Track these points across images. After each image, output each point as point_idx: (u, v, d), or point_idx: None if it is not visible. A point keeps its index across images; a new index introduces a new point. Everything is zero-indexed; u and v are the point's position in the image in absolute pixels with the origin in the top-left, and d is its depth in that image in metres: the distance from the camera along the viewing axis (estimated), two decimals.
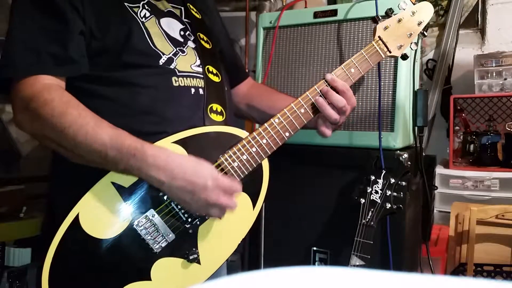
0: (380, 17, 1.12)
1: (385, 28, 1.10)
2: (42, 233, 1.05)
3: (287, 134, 1.03)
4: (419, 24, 1.11)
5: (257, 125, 1.62)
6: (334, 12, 1.48)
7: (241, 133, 1.03)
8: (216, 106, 1.07)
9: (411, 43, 1.12)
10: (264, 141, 1.01)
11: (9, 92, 0.95)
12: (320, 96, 1.04)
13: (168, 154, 0.90)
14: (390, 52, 1.10)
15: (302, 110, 1.04)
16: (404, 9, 1.12)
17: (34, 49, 0.93)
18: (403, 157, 1.32)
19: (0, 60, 0.95)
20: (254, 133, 1.02)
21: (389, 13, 1.11)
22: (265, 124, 1.02)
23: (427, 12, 1.11)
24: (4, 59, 0.94)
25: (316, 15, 1.50)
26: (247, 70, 2.24)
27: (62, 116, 0.88)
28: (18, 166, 2.42)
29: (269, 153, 1.03)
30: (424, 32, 1.13)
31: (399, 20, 1.10)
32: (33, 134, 0.96)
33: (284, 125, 1.02)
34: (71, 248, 0.89)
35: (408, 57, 1.15)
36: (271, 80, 1.60)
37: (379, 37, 1.10)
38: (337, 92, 1.04)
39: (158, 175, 0.89)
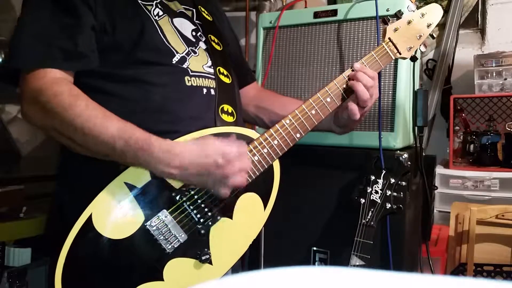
0: (390, 18, 1.12)
1: (395, 29, 1.10)
2: (47, 232, 1.04)
3: (298, 135, 1.04)
4: (429, 26, 1.12)
5: (257, 127, 1.62)
6: (334, 12, 1.48)
7: (253, 134, 1.04)
8: (227, 107, 1.07)
9: (420, 45, 1.13)
10: (276, 142, 1.02)
11: (17, 84, 0.95)
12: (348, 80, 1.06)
13: (173, 147, 0.90)
14: (400, 53, 1.11)
15: (313, 112, 1.05)
16: (413, 11, 1.12)
17: (44, 42, 0.93)
18: (403, 157, 1.32)
19: (10, 51, 0.95)
20: (265, 134, 1.02)
21: (398, 15, 1.11)
22: (276, 125, 1.03)
23: (436, 14, 1.12)
24: (14, 50, 0.94)
25: (316, 15, 1.50)
26: None
27: (71, 108, 0.88)
28: (18, 166, 2.42)
29: (280, 154, 1.03)
30: (433, 34, 1.14)
31: (409, 22, 1.11)
32: (41, 126, 0.95)
33: (295, 127, 1.03)
34: (84, 248, 0.89)
35: (417, 58, 1.17)
36: (271, 80, 1.60)
37: (389, 38, 1.10)
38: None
39: (168, 169, 0.89)
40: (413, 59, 1.15)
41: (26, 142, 2.40)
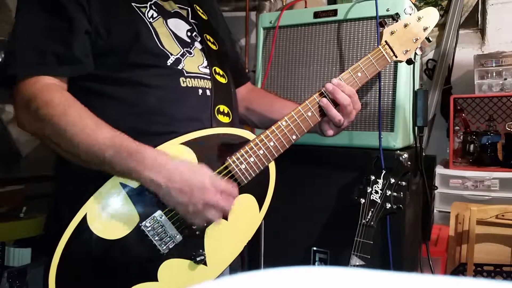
0: (387, 21, 1.13)
1: (392, 32, 1.11)
2: (45, 232, 1.05)
3: (294, 137, 1.04)
4: (425, 29, 1.12)
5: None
6: (334, 12, 1.48)
7: (249, 135, 1.04)
8: (223, 108, 1.07)
9: (416, 48, 1.13)
10: (272, 143, 1.02)
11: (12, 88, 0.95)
12: (325, 96, 1.05)
13: (165, 157, 0.90)
14: (396, 57, 1.11)
15: (309, 114, 1.05)
16: (410, 14, 1.13)
17: (38, 49, 0.93)
18: (403, 157, 1.32)
19: (4, 57, 0.95)
20: (261, 135, 1.02)
21: (395, 18, 1.12)
22: (273, 127, 1.03)
23: (432, 17, 1.12)
24: (9, 56, 0.94)
25: (316, 15, 1.50)
26: (247, 71, 2.25)
27: (62, 117, 0.88)
28: (18, 166, 2.42)
29: (276, 155, 1.03)
30: (430, 38, 1.14)
31: (406, 25, 1.11)
32: (34, 134, 0.96)
33: (291, 128, 1.03)
34: (78, 248, 0.89)
35: (413, 62, 1.17)
36: (271, 80, 1.60)
37: (385, 41, 1.11)
38: None
39: (156, 177, 0.89)
40: (409, 62, 1.16)
41: (26, 142, 2.39)
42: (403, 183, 1.19)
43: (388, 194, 1.19)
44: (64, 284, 0.89)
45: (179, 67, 1.02)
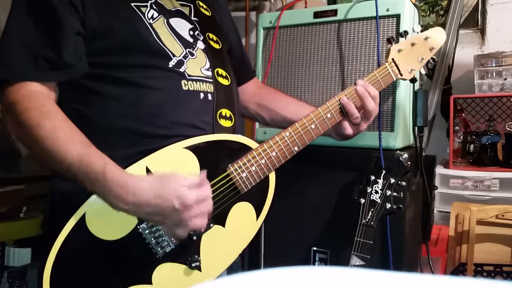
0: (394, 38, 1.14)
1: (399, 50, 1.12)
2: (43, 232, 1.05)
3: (296, 148, 1.05)
4: (431, 49, 1.13)
5: (257, 125, 1.62)
6: (334, 12, 1.48)
7: (252, 143, 1.04)
8: (225, 112, 1.06)
9: (420, 68, 1.15)
10: (274, 153, 1.03)
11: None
12: (345, 96, 1.09)
13: (127, 182, 0.86)
14: (401, 75, 1.13)
15: (313, 126, 1.06)
16: (418, 33, 1.13)
17: (25, 54, 0.91)
18: (403, 157, 1.32)
19: None
20: (265, 145, 1.03)
21: (403, 35, 1.13)
22: (276, 137, 1.04)
23: (439, 38, 1.14)
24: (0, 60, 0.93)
25: (316, 15, 1.50)
26: None
27: (37, 128, 0.87)
28: (18, 166, 2.42)
29: (277, 166, 1.04)
30: (435, 58, 1.15)
31: (413, 44, 1.12)
32: (16, 138, 0.95)
33: (294, 140, 1.05)
34: (75, 247, 0.89)
35: (416, 80, 1.19)
36: (271, 80, 1.60)
37: (392, 59, 1.12)
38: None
39: (122, 205, 0.87)
40: (413, 80, 1.17)
41: None
42: (403, 183, 1.19)
43: (388, 194, 1.19)
44: (58, 283, 0.88)
45: (181, 70, 1.00)
